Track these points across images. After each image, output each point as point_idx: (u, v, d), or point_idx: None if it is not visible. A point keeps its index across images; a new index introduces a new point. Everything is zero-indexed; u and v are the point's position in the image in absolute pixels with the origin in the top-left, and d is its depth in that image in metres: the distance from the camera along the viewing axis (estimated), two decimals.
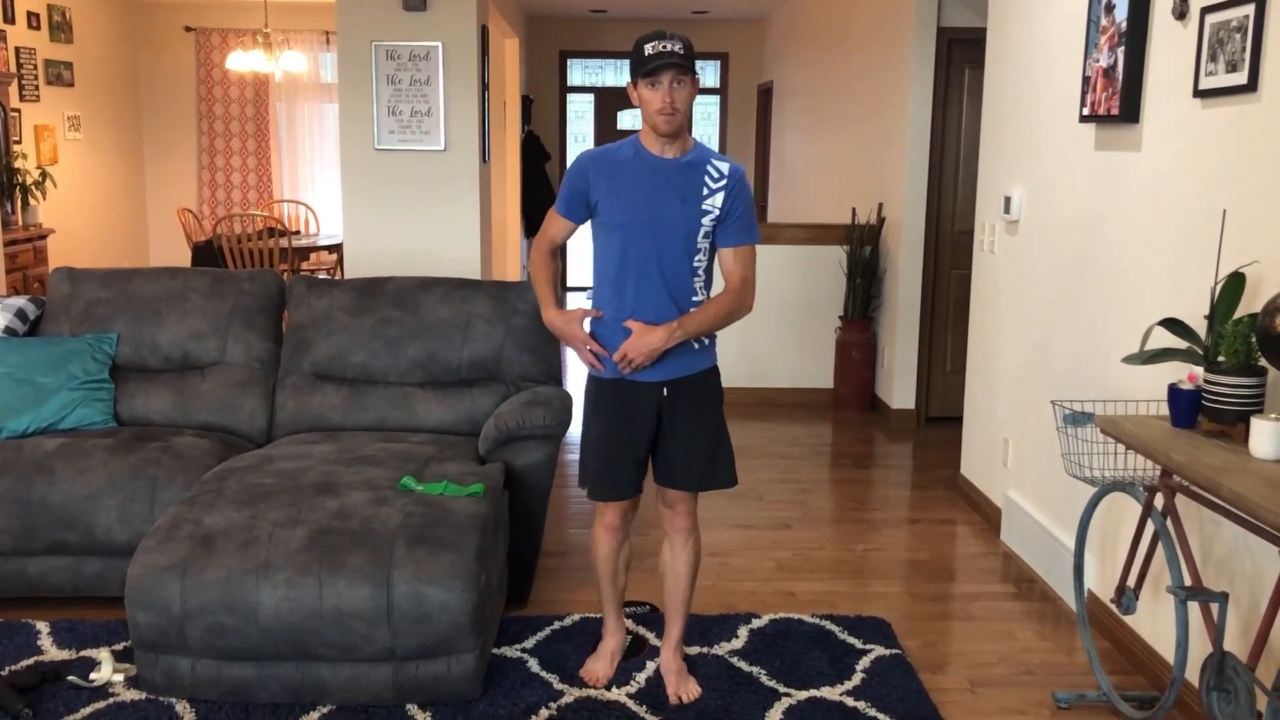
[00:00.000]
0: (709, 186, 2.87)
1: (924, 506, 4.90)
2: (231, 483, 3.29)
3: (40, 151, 8.46)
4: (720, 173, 2.89)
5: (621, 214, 2.88)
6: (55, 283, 4.19)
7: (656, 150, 2.87)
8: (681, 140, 2.88)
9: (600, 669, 3.19)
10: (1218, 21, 2.89)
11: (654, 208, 2.85)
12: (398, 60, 6.13)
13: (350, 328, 4.01)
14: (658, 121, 2.79)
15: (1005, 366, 4.49)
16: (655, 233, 2.85)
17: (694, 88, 2.82)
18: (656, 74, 2.75)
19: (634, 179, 2.87)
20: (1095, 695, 3.12)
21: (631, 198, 2.87)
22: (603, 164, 2.92)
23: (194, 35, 10.26)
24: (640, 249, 2.87)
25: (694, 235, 2.88)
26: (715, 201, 2.88)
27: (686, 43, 2.78)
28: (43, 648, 3.32)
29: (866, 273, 6.54)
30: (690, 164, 2.88)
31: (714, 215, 2.88)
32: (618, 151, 2.93)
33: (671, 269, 2.88)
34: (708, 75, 12.08)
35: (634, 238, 2.87)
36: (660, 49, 2.74)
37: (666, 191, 2.85)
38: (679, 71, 2.75)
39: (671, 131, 2.81)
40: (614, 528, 3.11)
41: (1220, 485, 2.28)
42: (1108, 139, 3.59)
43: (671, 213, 2.85)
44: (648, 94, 2.78)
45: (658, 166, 2.87)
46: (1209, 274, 2.94)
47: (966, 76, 5.99)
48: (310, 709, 2.97)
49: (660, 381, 2.94)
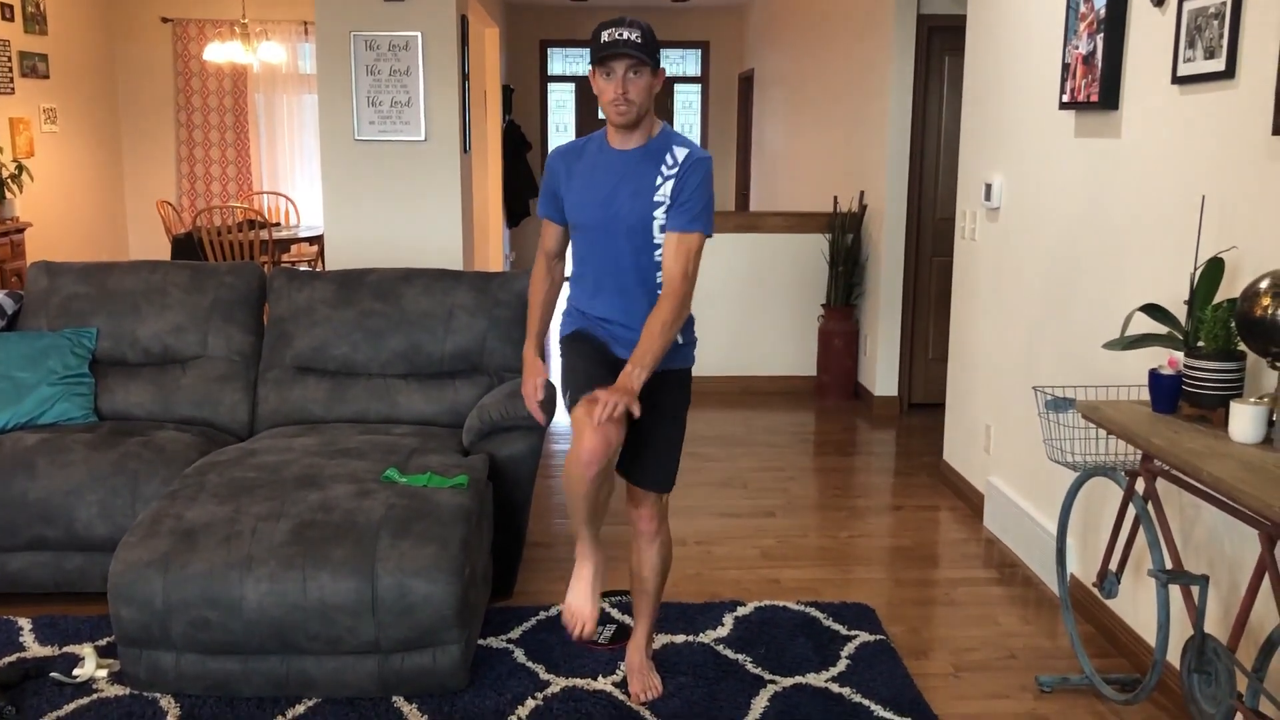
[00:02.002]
0: (662, 174, 2.71)
1: (907, 493, 4.92)
2: (213, 477, 3.28)
3: (16, 144, 8.38)
4: (675, 160, 2.71)
5: (577, 212, 2.78)
6: (33, 277, 4.16)
7: (616, 142, 2.74)
8: (644, 128, 2.72)
9: (582, 606, 2.76)
10: (1195, 8, 2.90)
11: (606, 205, 2.72)
12: (377, 50, 6.10)
13: (332, 320, 3.99)
14: (610, 113, 2.66)
15: (987, 353, 4.51)
16: (610, 231, 2.73)
17: (654, 78, 2.66)
18: (609, 62, 2.61)
19: (590, 175, 2.75)
20: (1078, 678, 3.14)
21: (584, 195, 2.75)
22: (567, 158, 2.81)
23: (171, 26, 10.17)
24: (599, 249, 2.76)
25: (649, 229, 2.72)
26: (666, 190, 2.70)
27: (646, 31, 2.62)
28: (25, 644, 3.30)
29: (848, 261, 6.56)
30: (647, 153, 2.72)
31: (666, 205, 2.71)
32: (584, 145, 2.81)
33: (633, 264, 2.75)
34: (688, 63, 12.06)
35: (591, 237, 2.76)
36: (616, 36, 2.58)
37: (619, 185, 2.71)
38: (634, 60, 2.59)
39: (626, 123, 2.66)
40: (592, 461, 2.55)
41: (1200, 469, 2.30)
42: (1087, 126, 3.60)
43: (623, 208, 2.71)
44: (602, 84, 2.65)
45: (614, 160, 2.73)
46: (1188, 259, 2.96)
47: (947, 64, 6.00)
48: (295, 702, 2.97)
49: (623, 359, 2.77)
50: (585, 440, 2.52)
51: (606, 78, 2.62)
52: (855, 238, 6.55)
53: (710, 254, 6.69)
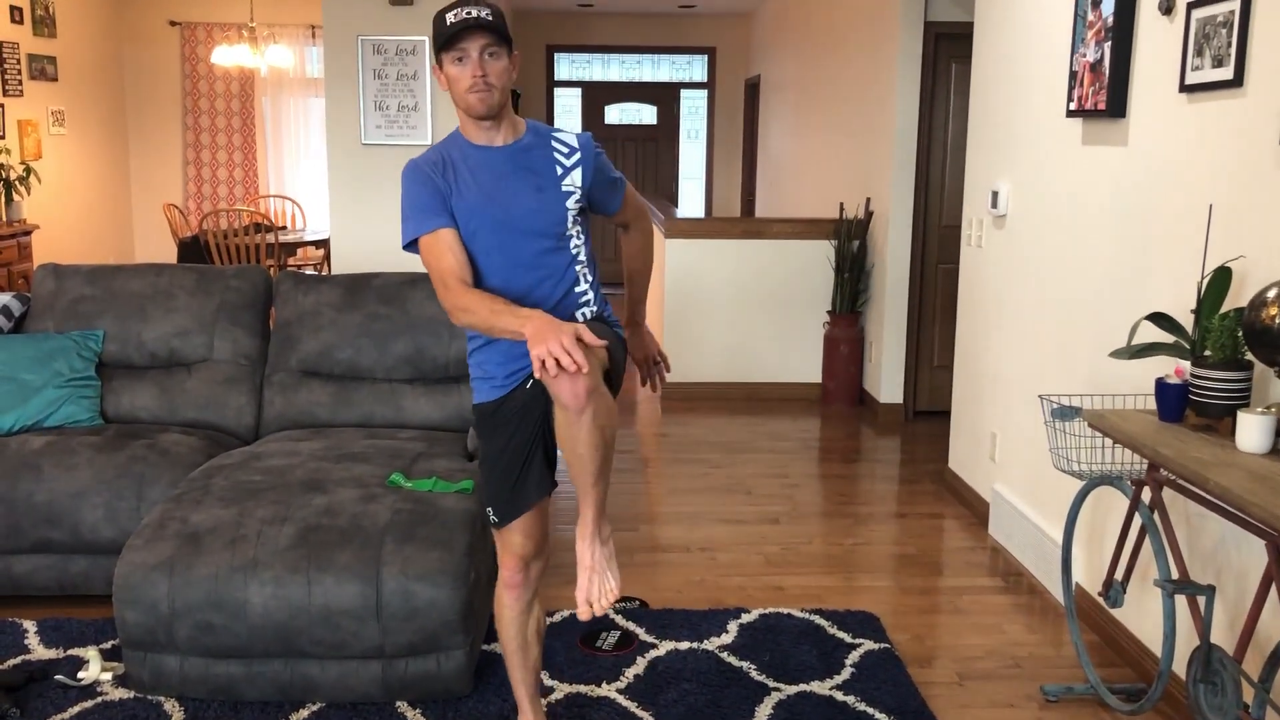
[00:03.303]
0: (561, 164, 2.43)
1: (912, 501, 4.92)
2: (219, 480, 3.28)
3: (24, 147, 8.41)
4: (569, 145, 2.45)
5: (470, 222, 2.38)
6: (40, 279, 4.17)
7: (482, 140, 2.41)
8: (508, 123, 2.42)
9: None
10: (1204, 16, 2.90)
11: (504, 206, 2.38)
12: (384, 55, 6.11)
13: (337, 324, 3.99)
14: (470, 101, 2.33)
15: (993, 361, 4.51)
16: (513, 235, 2.38)
17: (512, 63, 2.36)
18: (462, 42, 2.29)
19: (473, 178, 2.39)
20: (1083, 688, 3.13)
21: (475, 200, 2.38)
22: (438, 167, 2.40)
23: (178, 29, 10.20)
24: (500, 259, 2.39)
25: (562, 225, 2.42)
26: (574, 179, 2.43)
27: (497, 10, 2.33)
28: (29, 646, 3.30)
29: (854, 267, 6.55)
30: (529, 146, 2.43)
31: (577, 195, 2.43)
32: (444, 154, 2.43)
33: (545, 270, 2.42)
34: (695, 69, 12.07)
35: (489, 247, 2.38)
36: (465, 15, 2.29)
37: (514, 184, 2.39)
38: (489, 39, 2.30)
39: (488, 111, 2.34)
40: (514, 584, 2.55)
41: (1207, 479, 2.29)
42: (1094, 134, 3.59)
43: (527, 207, 2.39)
44: (455, 71, 2.32)
45: (493, 158, 2.40)
46: (1195, 268, 2.95)
47: (953, 71, 6.00)
48: (299, 707, 2.96)
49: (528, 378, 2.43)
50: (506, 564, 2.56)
51: (459, 63, 2.31)
52: (861, 244, 6.54)
53: (715, 259, 6.71)
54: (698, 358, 6.79)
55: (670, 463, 5.42)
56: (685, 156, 12.28)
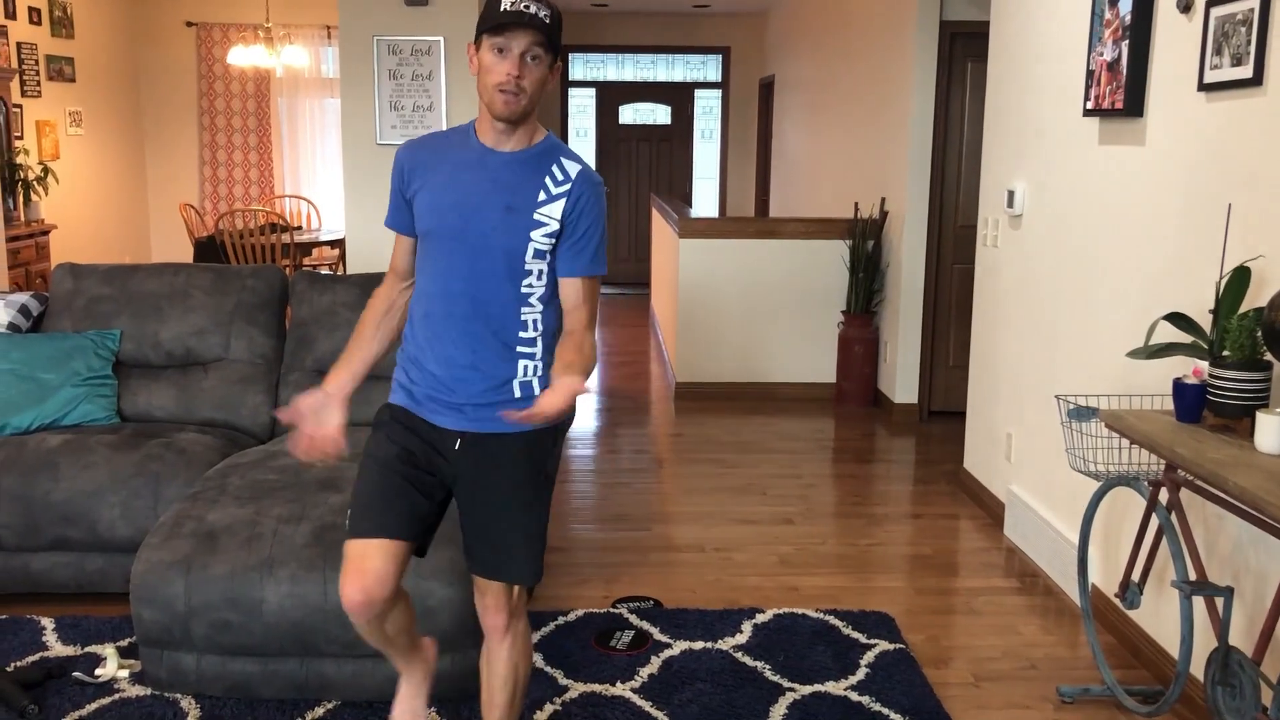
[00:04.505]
0: (548, 190, 2.20)
1: (927, 501, 4.90)
2: (235, 479, 3.29)
3: (42, 147, 8.46)
4: (566, 175, 2.22)
5: (428, 218, 2.22)
6: (58, 279, 4.19)
7: (490, 140, 2.21)
8: (528, 130, 2.22)
9: None
10: (1223, 15, 2.88)
11: (469, 213, 2.18)
12: (400, 55, 6.13)
13: (353, 324, 3.98)
14: (495, 100, 2.12)
15: (1008, 361, 4.49)
16: (466, 245, 2.19)
17: (552, 74, 2.18)
18: (508, 35, 2.09)
19: (450, 174, 2.21)
20: (1099, 689, 3.12)
21: (441, 198, 2.21)
22: (418, 151, 2.27)
23: (195, 30, 10.24)
24: (449, 266, 2.21)
25: (519, 253, 2.19)
26: (552, 211, 2.19)
27: (556, 14, 2.14)
28: (47, 644, 3.32)
29: (869, 267, 6.54)
30: (531, 160, 2.22)
31: (549, 229, 2.19)
32: (442, 138, 2.30)
33: (489, 294, 2.20)
34: (709, 69, 12.07)
35: (440, 250, 2.22)
36: (523, 7, 2.07)
37: (489, 192, 2.19)
38: (537, 40, 2.10)
39: (509, 116, 2.14)
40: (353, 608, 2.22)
41: (1226, 480, 2.28)
42: (1111, 133, 3.58)
43: (490, 221, 2.18)
44: (490, 60, 2.11)
45: (485, 162, 2.21)
46: (1214, 268, 2.93)
47: (969, 70, 5.98)
48: (314, 705, 2.97)
49: (454, 431, 2.26)
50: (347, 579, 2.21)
51: (498, 54, 2.10)
52: (876, 244, 6.53)
53: (729, 259, 6.70)
54: (712, 357, 6.79)
55: (684, 462, 5.41)
56: (699, 156, 12.27)
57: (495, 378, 2.24)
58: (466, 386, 2.25)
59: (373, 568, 2.20)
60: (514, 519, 2.30)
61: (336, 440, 2.25)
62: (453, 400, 2.26)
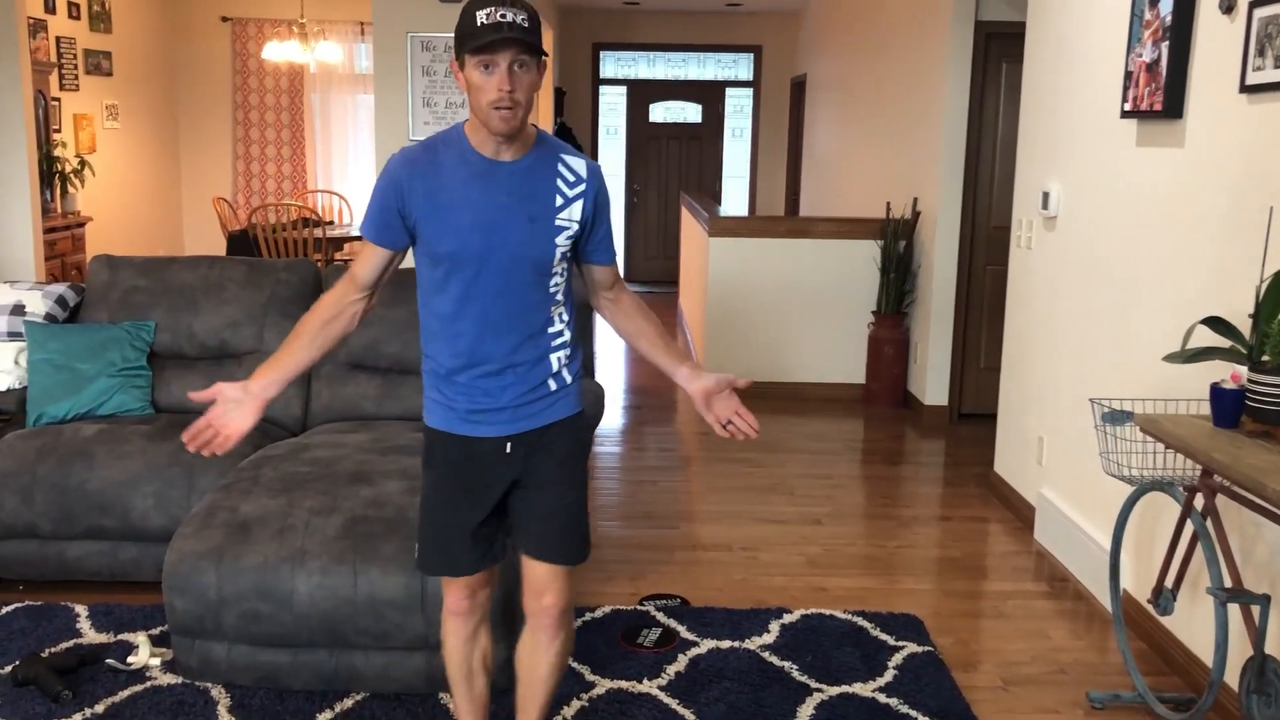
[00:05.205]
0: (563, 194, 2.21)
1: (956, 503, 4.87)
2: (267, 470, 3.32)
3: (79, 140, 8.55)
4: (577, 174, 2.24)
5: (447, 241, 2.18)
6: (94, 270, 4.24)
7: (489, 150, 2.17)
8: (521, 135, 2.18)
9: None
10: (1266, 16, 2.85)
11: (492, 232, 2.17)
12: (433, 51, 6.15)
13: (385, 318, 4.02)
14: (491, 119, 2.08)
15: (1041, 363, 4.45)
16: (494, 263, 2.18)
17: (539, 73, 2.12)
18: (492, 52, 2.03)
19: (459, 192, 2.17)
20: (1130, 696, 3.09)
21: (457, 219, 2.16)
22: (419, 169, 2.19)
23: (230, 25, 10.32)
24: (476, 286, 2.20)
25: (548, 260, 2.22)
26: (573, 213, 2.23)
27: (532, 13, 2.08)
28: (81, 631, 3.36)
29: (900, 267, 6.50)
30: (536, 166, 2.20)
31: (571, 231, 2.23)
32: (438, 151, 2.20)
33: (521, 305, 2.23)
34: (740, 67, 12.04)
35: (466, 271, 2.19)
36: (499, 18, 2.02)
37: (507, 206, 2.17)
38: (521, 50, 2.05)
39: (511, 131, 2.11)
40: (459, 611, 2.44)
41: (1265, 486, 2.25)
42: (1150, 135, 3.54)
43: (516, 237, 2.18)
44: (479, 79, 2.06)
45: (492, 174, 2.17)
46: (1254, 272, 2.90)
47: (1004, 71, 5.93)
48: (343, 696, 2.99)
49: (503, 437, 2.30)
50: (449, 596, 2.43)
51: (485, 71, 2.05)
52: (908, 244, 6.49)
53: (759, 258, 6.69)
54: (740, 356, 6.77)
55: (711, 461, 5.41)
56: (730, 155, 12.25)
57: (534, 378, 2.30)
58: (508, 392, 2.28)
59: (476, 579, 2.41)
60: (566, 498, 2.37)
61: (232, 442, 2.25)
62: (496, 406, 2.29)
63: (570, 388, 2.36)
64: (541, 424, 2.31)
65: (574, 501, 2.38)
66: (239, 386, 2.26)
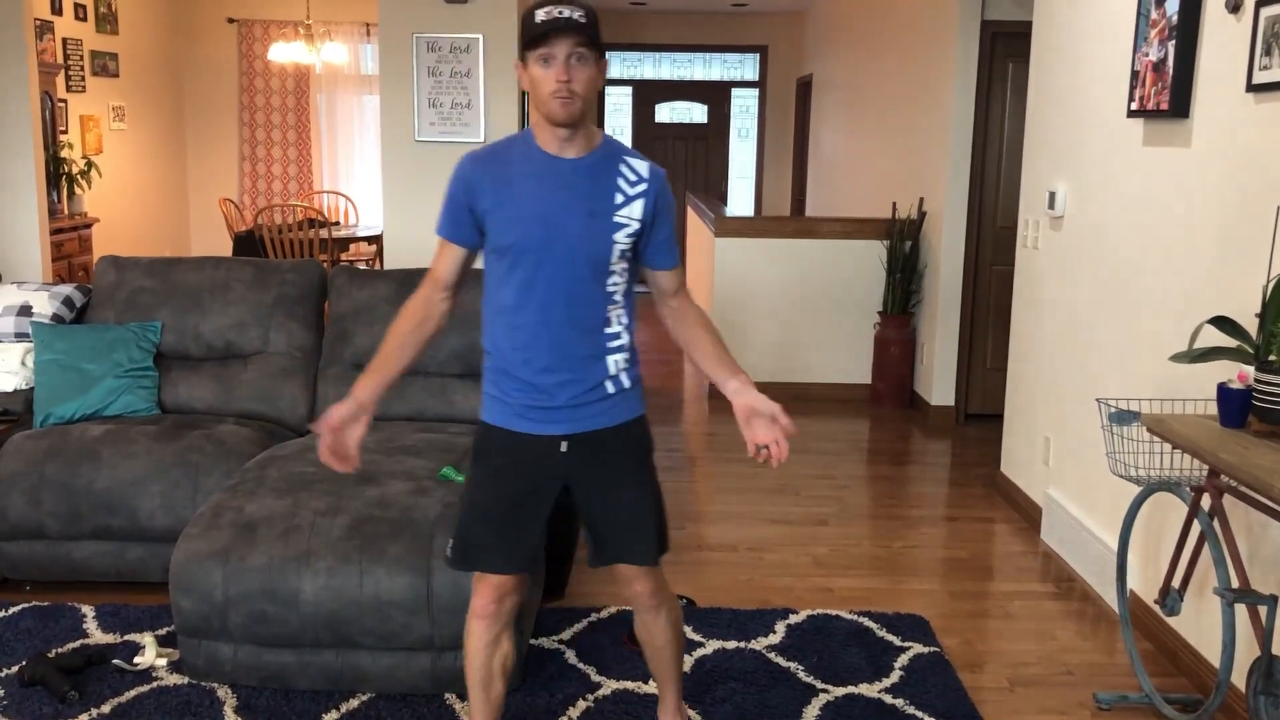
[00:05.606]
0: (624, 192, 2.28)
1: (963, 504, 4.87)
2: (273, 471, 3.32)
3: (86, 141, 8.57)
4: (638, 174, 2.30)
5: (509, 232, 2.26)
6: (101, 271, 4.25)
7: (553, 148, 2.26)
8: (585, 134, 2.27)
9: None
10: (1273, 15, 2.84)
11: (551, 224, 2.24)
12: (439, 52, 6.15)
13: (391, 318, 3.99)
14: (552, 107, 2.18)
15: (1048, 363, 4.45)
16: (553, 256, 2.25)
17: (599, 70, 2.22)
18: (549, 43, 2.14)
19: (524, 186, 2.26)
20: (1137, 697, 3.08)
21: (520, 211, 2.25)
22: (487, 166, 2.29)
23: (236, 26, 10.34)
24: (535, 277, 2.26)
25: (605, 257, 2.28)
26: (632, 211, 2.28)
27: (591, 13, 2.19)
28: (88, 631, 3.36)
29: (906, 268, 6.50)
30: (597, 164, 2.28)
31: (631, 229, 2.28)
32: (506, 150, 2.32)
33: (578, 300, 2.29)
34: (746, 68, 12.03)
35: (526, 263, 2.26)
36: (557, 14, 2.14)
37: (567, 201, 2.25)
38: (578, 41, 2.15)
39: (569, 120, 2.20)
40: (485, 614, 2.44)
41: (1272, 486, 2.24)
42: (1156, 134, 3.53)
43: (575, 230, 2.25)
44: (539, 72, 2.17)
45: (554, 169, 2.26)
46: (1260, 272, 2.89)
47: (1010, 70, 5.92)
48: (349, 696, 2.99)
49: (558, 435, 2.35)
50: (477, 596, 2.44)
51: (544, 65, 2.17)
52: (914, 245, 6.49)
53: (765, 258, 6.68)
54: (746, 356, 6.76)
55: (718, 461, 5.40)
56: (735, 155, 12.25)
57: (591, 379, 2.34)
58: (565, 390, 2.33)
59: (505, 582, 2.43)
60: (638, 501, 2.43)
61: (353, 459, 2.34)
62: (552, 405, 2.33)
63: (630, 392, 2.41)
64: (599, 426, 2.36)
65: (642, 501, 2.43)
66: (350, 404, 2.34)
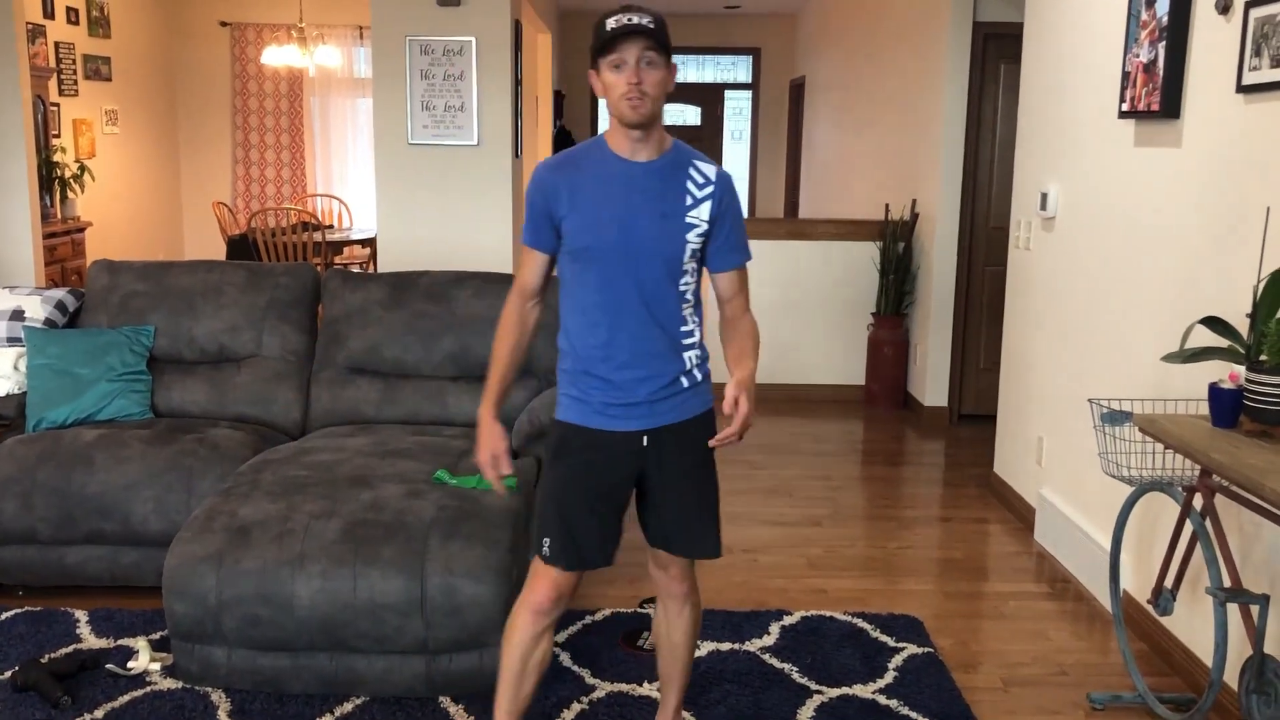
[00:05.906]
0: (692, 195, 2.37)
1: (956, 504, 4.87)
2: (267, 475, 3.32)
3: (78, 145, 8.55)
4: (706, 177, 2.39)
5: (586, 235, 2.34)
6: (94, 275, 4.24)
7: (626, 151, 2.34)
8: (656, 138, 2.35)
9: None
10: (1262, 16, 2.85)
11: (625, 225, 2.32)
12: (431, 55, 6.15)
13: (384, 321, 4.02)
14: (623, 109, 2.26)
15: (1040, 364, 4.46)
16: (629, 256, 2.32)
17: (669, 74, 2.30)
18: (620, 48, 2.23)
19: (598, 189, 2.34)
20: (1130, 696, 3.09)
21: (595, 213, 2.33)
22: (563, 171, 2.37)
23: (229, 30, 10.33)
24: (612, 277, 2.34)
25: (678, 256, 2.36)
26: (701, 213, 2.37)
27: (659, 20, 2.28)
28: (81, 636, 3.36)
29: (899, 269, 6.51)
30: (668, 167, 2.36)
31: (700, 230, 2.37)
32: (580, 156, 2.40)
33: (655, 298, 2.36)
34: (739, 70, 12.05)
35: (603, 264, 2.34)
36: (625, 21, 2.23)
37: (640, 203, 2.33)
38: (647, 46, 2.23)
39: (641, 121, 2.27)
40: (540, 609, 2.47)
41: (1263, 486, 2.25)
42: (1147, 135, 3.54)
43: (648, 230, 2.33)
44: (611, 77, 2.26)
45: (627, 172, 2.34)
46: (1251, 272, 2.90)
47: (1002, 72, 5.94)
48: (344, 700, 2.99)
49: (639, 431, 2.42)
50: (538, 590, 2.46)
51: (616, 70, 2.25)
52: (907, 246, 6.50)
53: (759, 261, 6.66)
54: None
55: None
56: (729, 157, 12.27)
57: (668, 375, 2.41)
58: (644, 386, 2.39)
59: (567, 581, 2.46)
60: (703, 497, 2.50)
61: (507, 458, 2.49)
62: (632, 401, 2.40)
63: (701, 385, 2.48)
64: (677, 419, 2.43)
65: (708, 495, 2.51)
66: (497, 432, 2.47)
